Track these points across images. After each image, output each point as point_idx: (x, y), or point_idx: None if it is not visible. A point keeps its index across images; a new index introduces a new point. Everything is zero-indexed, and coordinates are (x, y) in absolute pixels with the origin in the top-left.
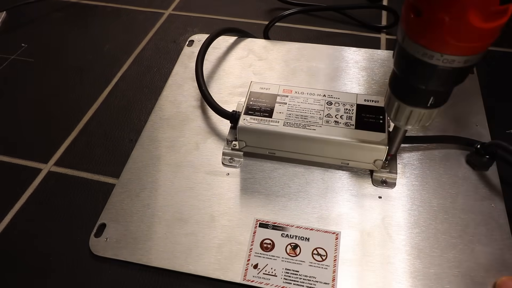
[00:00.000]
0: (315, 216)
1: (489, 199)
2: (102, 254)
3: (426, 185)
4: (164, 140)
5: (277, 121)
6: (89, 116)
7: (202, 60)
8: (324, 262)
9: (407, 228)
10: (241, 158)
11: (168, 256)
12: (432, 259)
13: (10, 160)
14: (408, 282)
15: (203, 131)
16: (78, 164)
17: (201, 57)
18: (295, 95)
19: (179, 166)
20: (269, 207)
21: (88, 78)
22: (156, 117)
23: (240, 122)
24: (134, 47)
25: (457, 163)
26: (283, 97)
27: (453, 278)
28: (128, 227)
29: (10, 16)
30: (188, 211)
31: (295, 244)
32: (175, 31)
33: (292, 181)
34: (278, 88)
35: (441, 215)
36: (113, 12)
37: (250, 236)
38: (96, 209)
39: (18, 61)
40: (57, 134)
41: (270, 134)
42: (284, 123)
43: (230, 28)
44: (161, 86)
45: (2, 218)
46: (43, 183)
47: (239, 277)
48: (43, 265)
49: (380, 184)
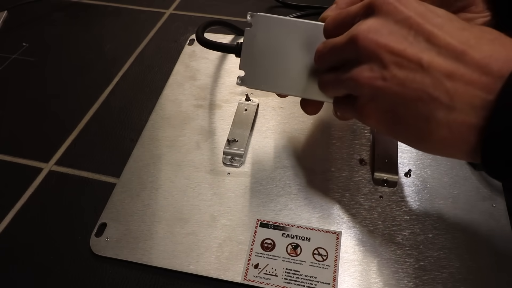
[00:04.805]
0: (316, 216)
1: (490, 199)
2: (103, 254)
3: (427, 185)
4: (165, 140)
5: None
6: (90, 115)
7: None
8: (325, 262)
9: (408, 228)
10: (241, 157)
11: (169, 256)
12: (432, 260)
13: (11, 160)
14: (409, 283)
15: (204, 130)
16: (79, 163)
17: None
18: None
19: (180, 165)
20: (270, 207)
21: (89, 77)
22: (156, 116)
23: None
24: (135, 46)
25: (458, 163)
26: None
27: (454, 279)
28: (128, 226)
29: (11, 15)
30: (189, 210)
31: (296, 244)
32: (176, 30)
33: (293, 181)
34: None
35: (442, 215)
36: (114, 11)
37: (250, 236)
38: (97, 209)
39: (19, 61)
40: (58, 133)
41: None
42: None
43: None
44: (162, 85)
45: (3, 217)
46: (44, 182)
47: (239, 277)
48: (43, 264)
49: (381, 183)
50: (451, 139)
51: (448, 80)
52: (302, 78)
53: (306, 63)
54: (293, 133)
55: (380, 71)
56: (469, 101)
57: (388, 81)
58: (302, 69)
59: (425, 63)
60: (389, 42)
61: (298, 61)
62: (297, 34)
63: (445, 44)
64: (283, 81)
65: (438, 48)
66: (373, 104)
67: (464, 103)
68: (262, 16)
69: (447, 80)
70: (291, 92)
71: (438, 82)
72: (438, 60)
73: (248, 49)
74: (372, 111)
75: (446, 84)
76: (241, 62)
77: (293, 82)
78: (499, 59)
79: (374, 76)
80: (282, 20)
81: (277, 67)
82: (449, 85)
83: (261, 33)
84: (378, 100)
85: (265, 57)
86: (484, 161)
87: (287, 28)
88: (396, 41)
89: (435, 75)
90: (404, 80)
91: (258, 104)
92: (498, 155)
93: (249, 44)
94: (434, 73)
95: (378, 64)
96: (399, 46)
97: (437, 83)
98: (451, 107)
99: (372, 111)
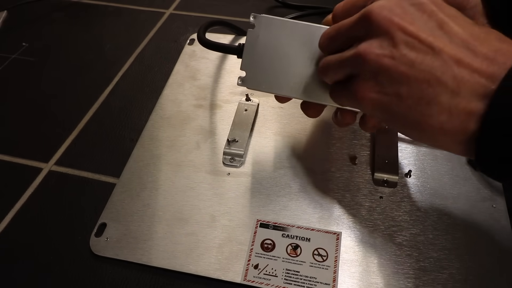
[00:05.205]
0: (316, 216)
1: (491, 200)
2: (103, 254)
3: (427, 185)
4: (165, 140)
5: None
6: (90, 115)
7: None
8: (325, 262)
9: (408, 228)
10: (241, 157)
11: (169, 256)
12: (433, 260)
13: (11, 160)
14: (409, 283)
15: (204, 130)
16: (79, 163)
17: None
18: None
19: (180, 165)
20: (270, 207)
21: (89, 77)
22: (156, 116)
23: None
24: (135, 46)
25: (459, 163)
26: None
27: (454, 279)
28: (128, 226)
29: (11, 15)
30: (189, 211)
31: (296, 245)
32: (176, 30)
33: (293, 181)
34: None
35: (442, 216)
36: (114, 11)
37: (250, 236)
38: (97, 209)
39: (19, 61)
40: (58, 133)
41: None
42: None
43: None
44: (162, 85)
45: (3, 217)
46: (44, 182)
47: (239, 277)
48: (43, 264)
49: (381, 184)
50: (449, 125)
51: (456, 66)
52: (304, 80)
53: (308, 66)
54: (293, 133)
55: (390, 49)
56: (473, 88)
57: (396, 60)
58: (303, 72)
59: (436, 47)
60: (403, 21)
61: (299, 63)
62: (300, 36)
63: (456, 34)
64: (284, 83)
65: (449, 36)
66: (373, 83)
67: (468, 89)
68: (265, 17)
69: (455, 66)
70: (292, 94)
71: (447, 67)
72: (449, 46)
73: (250, 50)
74: (370, 90)
75: (454, 69)
76: (242, 62)
77: (294, 84)
78: (506, 53)
79: (383, 53)
80: (285, 22)
81: (279, 68)
82: (457, 71)
83: (264, 35)
84: (380, 79)
85: (266, 58)
86: (478, 150)
87: (289, 30)
88: (410, 22)
89: (445, 60)
90: (413, 61)
91: (258, 104)
92: (494, 145)
93: (251, 45)
94: (444, 58)
95: (388, 42)
96: (412, 27)
97: (446, 67)
98: (456, 92)
99: (370, 91)
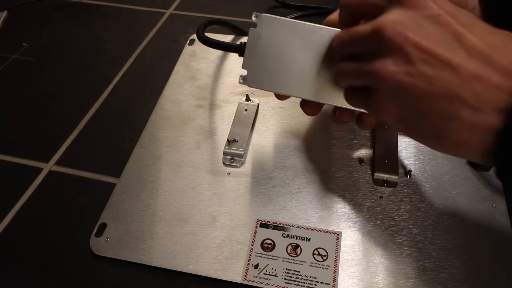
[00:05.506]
0: (316, 216)
1: (491, 199)
2: (103, 254)
3: (427, 185)
4: (165, 140)
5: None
6: (90, 115)
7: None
8: (325, 262)
9: (408, 228)
10: (241, 157)
11: (169, 256)
12: (433, 260)
13: (11, 160)
14: (409, 283)
15: (204, 130)
16: (79, 163)
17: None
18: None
19: (180, 165)
20: (270, 207)
21: (89, 77)
22: (157, 116)
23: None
24: (135, 46)
25: (459, 163)
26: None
27: (454, 279)
28: (128, 226)
29: (11, 15)
30: (189, 210)
31: (296, 244)
32: (176, 30)
33: (293, 181)
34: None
35: (442, 216)
36: (114, 11)
37: (250, 236)
38: (97, 209)
39: (19, 61)
40: (58, 134)
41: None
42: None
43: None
44: (162, 85)
45: (3, 217)
46: (44, 182)
47: (239, 277)
48: (43, 264)
49: (381, 184)
50: (471, 139)
51: (475, 81)
52: (305, 79)
53: (309, 65)
54: (293, 133)
55: (406, 66)
56: (493, 103)
57: (414, 77)
58: (304, 71)
59: (454, 63)
60: (418, 37)
61: (301, 62)
62: (301, 36)
63: (473, 46)
64: (285, 82)
65: (467, 49)
66: (393, 99)
67: (489, 105)
68: (267, 16)
69: (474, 81)
70: (293, 93)
71: (465, 83)
72: (467, 61)
73: (252, 48)
74: (390, 106)
75: (474, 85)
76: (244, 61)
77: (295, 83)
78: None
79: (399, 70)
80: (286, 21)
81: (280, 67)
82: (476, 86)
83: (266, 34)
84: (398, 96)
85: (268, 57)
86: (497, 161)
87: (291, 30)
88: (425, 37)
89: (463, 76)
90: (431, 78)
91: (258, 104)
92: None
93: (253, 43)
94: (462, 74)
95: (403, 59)
96: (427, 43)
97: (464, 83)
98: (476, 108)
99: (390, 106)
